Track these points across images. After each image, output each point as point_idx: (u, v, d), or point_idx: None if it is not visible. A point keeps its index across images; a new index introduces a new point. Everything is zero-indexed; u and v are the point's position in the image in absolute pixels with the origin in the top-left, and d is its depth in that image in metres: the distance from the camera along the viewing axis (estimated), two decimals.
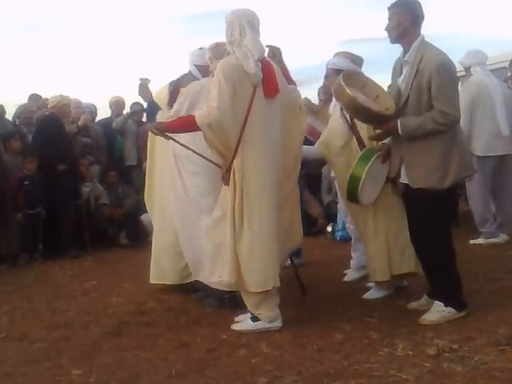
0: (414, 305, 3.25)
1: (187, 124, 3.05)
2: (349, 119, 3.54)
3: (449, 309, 2.98)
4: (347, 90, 2.93)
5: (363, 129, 3.48)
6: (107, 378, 2.57)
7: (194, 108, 3.28)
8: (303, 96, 3.83)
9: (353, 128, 3.54)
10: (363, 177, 3.27)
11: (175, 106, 3.48)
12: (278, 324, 3.04)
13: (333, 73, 3.65)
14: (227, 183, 2.99)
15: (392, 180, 3.48)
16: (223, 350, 2.81)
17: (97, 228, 6.15)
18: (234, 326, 3.07)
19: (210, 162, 3.18)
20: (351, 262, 4.11)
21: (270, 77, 3.04)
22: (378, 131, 3.17)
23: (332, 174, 4.67)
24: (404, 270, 3.48)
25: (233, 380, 2.46)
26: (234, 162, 2.96)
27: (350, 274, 4.05)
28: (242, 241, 2.95)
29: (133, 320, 3.41)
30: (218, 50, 3.33)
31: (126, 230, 6.21)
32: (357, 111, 3.03)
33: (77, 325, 3.40)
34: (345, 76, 3.06)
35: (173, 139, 3.23)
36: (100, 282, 4.55)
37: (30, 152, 5.68)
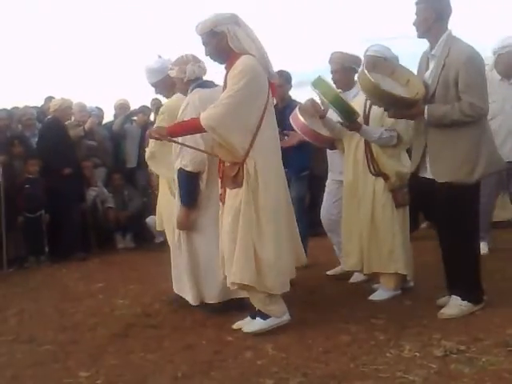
0: (443, 300, 3.19)
1: (191, 127, 3.04)
2: (367, 108, 3.56)
3: (466, 303, 2.99)
4: (370, 78, 2.91)
5: (375, 121, 3.51)
6: (114, 380, 2.58)
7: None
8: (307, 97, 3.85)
9: (366, 120, 3.56)
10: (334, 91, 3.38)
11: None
12: (287, 317, 3.04)
13: (375, 60, 3.56)
14: (238, 185, 2.93)
15: (383, 175, 3.49)
16: (229, 351, 2.82)
17: (103, 231, 6.18)
18: (244, 329, 3.05)
19: (210, 154, 3.15)
20: None
21: None
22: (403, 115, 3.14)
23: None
24: (390, 269, 3.51)
25: (239, 382, 2.46)
26: (248, 161, 2.92)
27: (356, 276, 4.04)
28: (266, 242, 2.92)
29: (139, 322, 3.42)
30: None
31: (132, 232, 6.24)
32: (381, 98, 2.99)
33: (84, 327, 3.42)
34: (370, 64, 3.04)
35: (174, 141, 3.21)
36: (106, 284, 4.57)
37: (32, 155, 5.71)
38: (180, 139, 3.19)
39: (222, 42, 2.96)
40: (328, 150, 4.12)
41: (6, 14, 14.21)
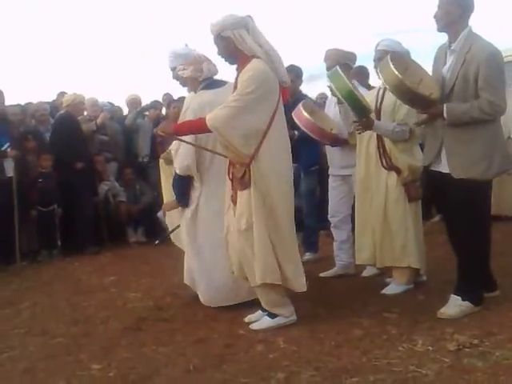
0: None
1: (197, 126, 3.05)
2: (379, 103, 3.53)
3: (466, 303, 2.96)
4: (396, 72, 2.86)
5: (386, 114, 3.47)
6: (126, 373, 2.59)
7: None
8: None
9: (378, 114, 3.53)
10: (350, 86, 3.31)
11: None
12: (294, 317, 3.05)
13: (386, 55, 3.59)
14: (246, 186, 2.93)
15: (396, 169, 3.46)
16: (240, 345, 2.82)
17: (115, 225, 6.22)
18: (252, 326, 3.05)
19: (221, 155, 3.13)
20: None
21: None
22: (422, 117, 3.09)
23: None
24: (403, 263, 3.50)
25: (250, 375, 2.46)
26: (254, 164, 2.91)
27: (369, 269, 4.02)
28: (285, 239, 2.95)
29: (151, 315, 3.44)
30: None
31: (143, 226, 6.27)
32: (403, 94, 2.95)
33: (96, 320, 3.45)
34: (391, 57, 3.01)
35: (181, 140, 3.22)
36: (119, 277, 4.60)
37: (45, 150, 5.75)
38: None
39: (230, 45, 2.97)
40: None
41: (19, 11, 14.35)
